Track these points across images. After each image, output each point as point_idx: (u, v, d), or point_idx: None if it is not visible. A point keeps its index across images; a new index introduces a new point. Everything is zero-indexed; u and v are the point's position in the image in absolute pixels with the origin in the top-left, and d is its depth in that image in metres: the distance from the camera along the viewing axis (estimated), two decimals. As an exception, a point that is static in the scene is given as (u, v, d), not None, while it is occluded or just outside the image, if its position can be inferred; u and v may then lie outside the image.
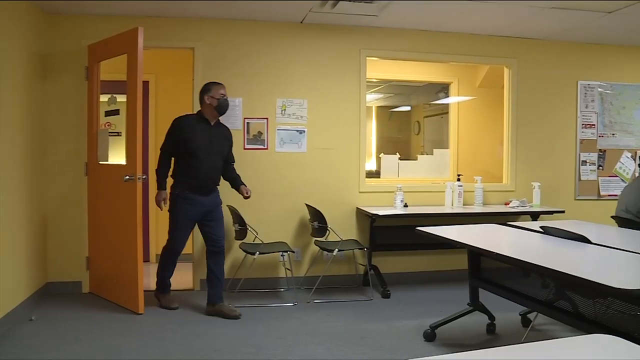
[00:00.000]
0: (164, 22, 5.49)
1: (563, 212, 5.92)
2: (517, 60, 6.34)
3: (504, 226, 4.44)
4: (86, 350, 3.96)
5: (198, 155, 4.74)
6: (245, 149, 5.66)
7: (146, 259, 6.51)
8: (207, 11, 5.41)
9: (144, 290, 4.86)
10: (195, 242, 5.55)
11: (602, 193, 6.64)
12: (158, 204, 4.92)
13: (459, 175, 6.21)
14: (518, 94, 6.35)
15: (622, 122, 6.72)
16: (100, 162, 5.34)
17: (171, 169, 4.89)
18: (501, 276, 4.09)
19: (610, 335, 1.78)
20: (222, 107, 4.86)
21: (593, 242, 3.52)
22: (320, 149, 5.81)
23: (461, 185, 5.96)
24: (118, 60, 5.01)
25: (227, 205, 5.36)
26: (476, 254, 4.21)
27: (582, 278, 2.63)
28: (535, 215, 5.81)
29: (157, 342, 4.14)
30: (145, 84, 6.56)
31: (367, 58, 5.96)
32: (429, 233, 4.01)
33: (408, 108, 10.39)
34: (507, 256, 3.29)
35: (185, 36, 5.57)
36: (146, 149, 6.53)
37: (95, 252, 5.40)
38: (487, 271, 4.26)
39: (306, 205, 5.62)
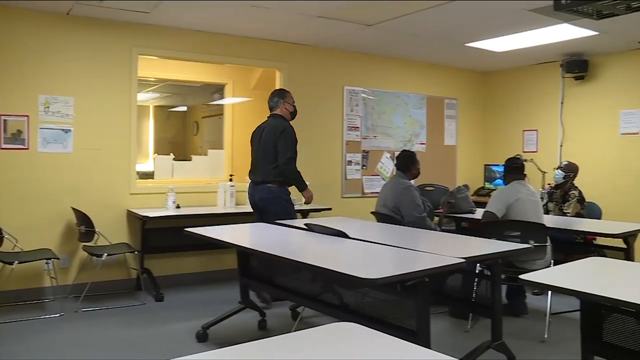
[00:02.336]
0: None
1: (330, 209, 6.28)
2: (288, 64, 6.61)
3: (271, 225, 4.60)
4: None
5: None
6: (2, 148, 5.18)
7: None
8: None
9: None
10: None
11: (365, 191, 7.19)
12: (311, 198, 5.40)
13: (231, 175, 6.31)
14: (290, 97, 6.61)
15: (382, 126, 7.34)
16: None
17: (266, 173, 5.15)
18: (270, 273, 4.24)
19: (352, 323, 1.94)
20: (296, 113, 5.42)
21: (351, 237, 3.79)
22: (88, 149, 5.51)
23: (233, 186, 6.06)
24: None
25: (-20, 211, 4.88)
26: (245, 253, 4.31)
27: (335, 271, 2.82)
28: (305, 213, 6.09)
29: None
30: None
31: (140, 56, 5.80)
32: (198, 234, 4.02)
33: (185, 108, 10.31)
34: (270, 254, 3.41)
35: None
36: None
37: None
38: (256, 269, 4.38)
39: (72, 208, 5.30)
